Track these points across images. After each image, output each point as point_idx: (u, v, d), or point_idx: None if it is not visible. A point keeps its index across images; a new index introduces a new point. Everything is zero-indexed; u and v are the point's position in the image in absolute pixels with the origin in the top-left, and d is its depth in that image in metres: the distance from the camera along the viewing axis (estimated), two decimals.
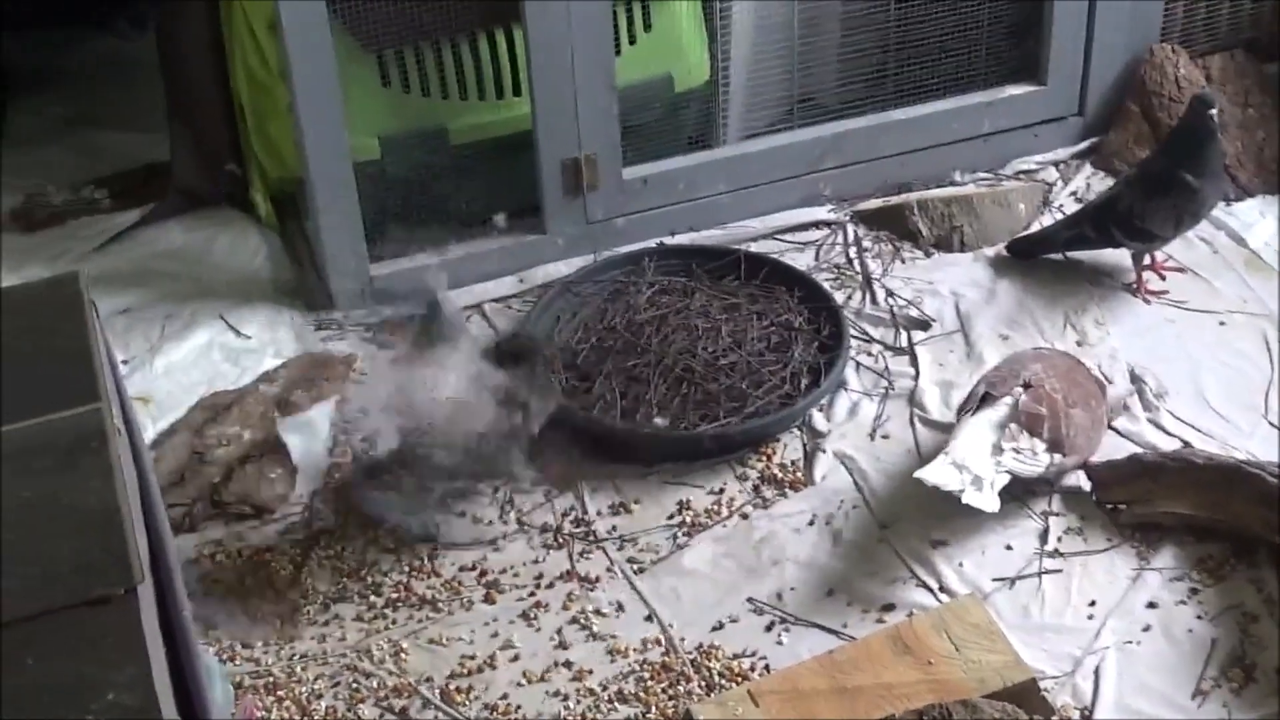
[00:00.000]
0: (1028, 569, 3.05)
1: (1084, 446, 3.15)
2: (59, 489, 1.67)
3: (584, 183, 3.79)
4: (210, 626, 3.01)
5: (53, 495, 1.67)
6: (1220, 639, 2.88)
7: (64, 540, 1.63)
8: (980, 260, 3.85)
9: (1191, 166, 3.57)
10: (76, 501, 1.66)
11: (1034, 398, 3.08)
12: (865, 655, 2.77)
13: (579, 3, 3.58)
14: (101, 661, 1.57)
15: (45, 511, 1.66)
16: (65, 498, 1.66)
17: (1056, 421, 3.07)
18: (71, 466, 1.69)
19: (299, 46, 3.46)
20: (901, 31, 3.98)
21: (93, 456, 1.70)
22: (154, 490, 2.03)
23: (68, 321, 1.86)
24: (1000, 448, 3.04)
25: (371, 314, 3.69)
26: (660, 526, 3.20)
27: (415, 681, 2.89)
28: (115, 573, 1.62)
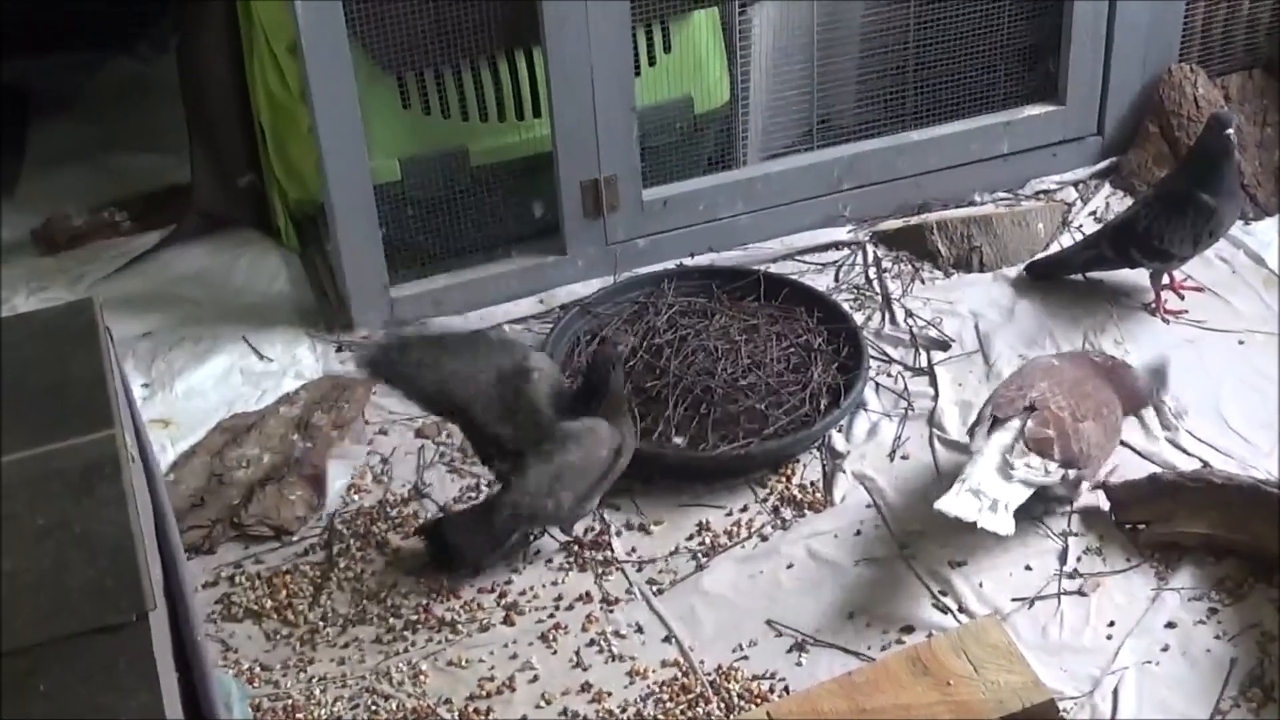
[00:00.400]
0: (1047, 589, 3.04)
1: (1099, 457, 3.14)
2: (72, 516, 1.68)
3: (604, 204, 3.79)
4: (229, 649, 3.01)
5: (65, 522, 1.67)
6: (1240, 659, 2.87)
7: (76, 567, 1.64)
8: (1000, 280, 3.85)
9: (1209, 186, 3.57)
10: (89, 528, 1.67)
11: (1039, 421, 3.07)
12: (884, 676, 2.76)
13: (599, 24, 3.58)
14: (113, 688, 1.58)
15: (58, 538, 1.66)
16: (78, 524, 1.67)
17: (1066, 440, 3.06)
18: (85, 493, 1.69)
19: (319, 68, 3.46)
20: (920, 53, 3.98)
21: (106, 483, 1.70)
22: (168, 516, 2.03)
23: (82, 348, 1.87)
24: (1011, 466, 3.03)
25: None
26: (680, 548, 3.20)
27: (434, 704, 2.89)
28: (127, 599, 1.62)
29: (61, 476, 1.71)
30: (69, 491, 1.70)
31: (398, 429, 3.51)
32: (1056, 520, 3.18)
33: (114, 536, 1.66)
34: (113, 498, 1.69)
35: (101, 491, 1.70)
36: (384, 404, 3.57)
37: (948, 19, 3.94)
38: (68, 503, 1.69)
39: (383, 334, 3.31)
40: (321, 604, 3.10)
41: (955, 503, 2.98)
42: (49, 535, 1.66)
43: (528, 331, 3.75)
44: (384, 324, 3.56)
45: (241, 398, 3.61)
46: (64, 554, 1.65)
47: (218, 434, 3.46)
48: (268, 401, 3.57)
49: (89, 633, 1.60)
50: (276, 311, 3.87)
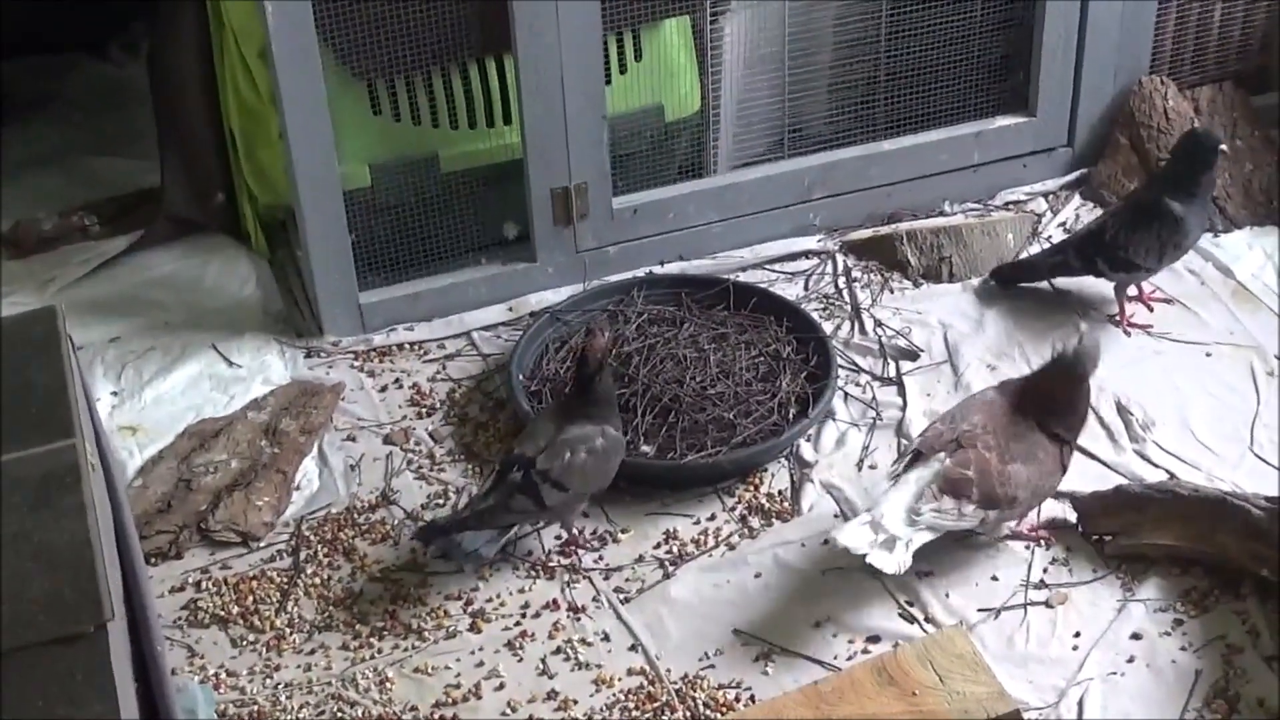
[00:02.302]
0: (1013, 600, 3.05)
1: (1027, 500, 3.08)
2: (30, 526, 1.68)
3: (574, 211, 3.79)
4: (195, 654, 3.00)
5: (24, 532, 1.67)
6: (1204, 671, 2.88)
7: (34, 577, 1.64)
8: (969, 291, 3.86)
9: (1179, 196, 3.58)
10: (48, 538, 1.67)
11: (960, 461, 3.01)
12: (850, 686, 2.76)
13: (570, 31, 3.58)
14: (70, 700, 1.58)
15: (16, 548, 1.66)
16: (36, 534, 1.67)
17: (988, 482, 3.00)
18: (44, 503, 1.69)
19: (290, 74, 3.46)
20: (891, 63, 3.99)
21: (65, 493, 1.70)
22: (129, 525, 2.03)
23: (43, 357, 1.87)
24: (918, 511, 3.00)
25: None
26: (648, 556, 3.19)
27: (400, 711, 2.89)
28: (85, 610, 1.62)
29: (20, 486, 1.71)
30: (27, 501, 1.70)
31: (365, 435, 3.50)
32: None
33: (73, 547, 1.66)
34: (72, 508, 1.69)
35: (60, 501, 1.70)
36: (352, 410, 3.57)
37: (919, 29, 3.95)
38: (26, 512, 1.69)
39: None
40: (288, 610, 3.10)
41: (851, 534, 2.95)
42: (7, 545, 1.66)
43: (496, 338, 3.75)
44: None
45: (210, 403, 3.60)
46: (22, 564, 1.65)
47: (185, 439, 3.46)
48: (236, 407, 3.56)
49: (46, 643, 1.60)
50: (245, 317, 3.86)
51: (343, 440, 3.49)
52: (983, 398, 3.16)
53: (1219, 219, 3.88)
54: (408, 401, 3.60)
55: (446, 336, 3.78)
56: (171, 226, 4.08)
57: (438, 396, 3.61)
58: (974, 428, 3.06)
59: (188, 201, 4.05)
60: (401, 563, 3.19)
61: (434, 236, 3.84)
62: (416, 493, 3.36)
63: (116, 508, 1.97)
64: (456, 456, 3.45)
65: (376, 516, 3.30)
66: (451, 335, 3.78)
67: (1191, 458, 3.34)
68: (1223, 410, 3.46)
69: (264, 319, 3.86)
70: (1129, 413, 3.45)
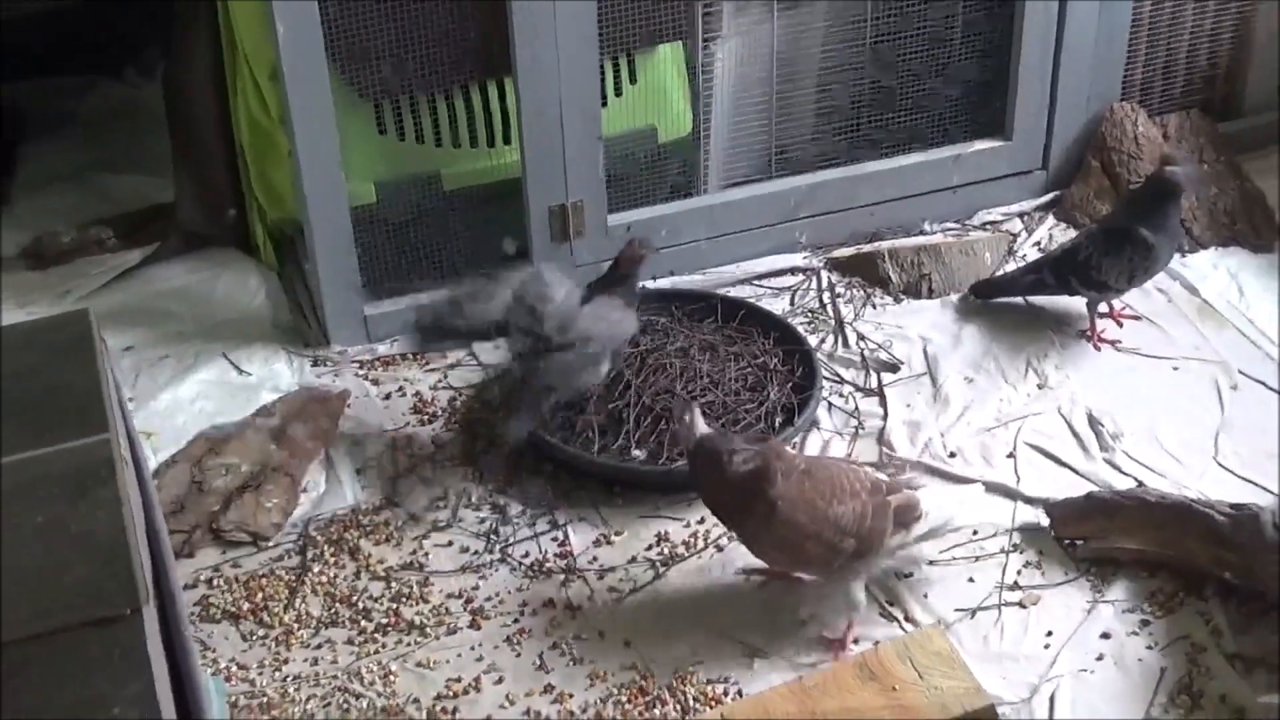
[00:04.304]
0: (988, 600, 3.07)
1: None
2: (68, 515, 1.69)
3: (570, 228, 3.80)
4: (208, 648, 3.02)
5: (62, 521, 1.68)
6: (1169, 668, 2.90)
7: (73, 564, 1.65)
8: (947, 306, 3.87)
9: (1151, 224, 3.60)
10: (85, 527, 1.68)
11: None
12: (833, 682, 2.79)
13: (568, 56, 3.59)
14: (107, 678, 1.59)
15: (55, 536, 1.67)
16: (74, 524, 1.68)
17: None
18: (81, 494, 1.70)
19: (299, 95, 3.48)
20: (874, 88, 4.00)
21: (101, 485, 1.71)
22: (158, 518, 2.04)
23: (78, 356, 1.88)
24: None
25: None
26: (639, 557, 3.21)
27: (403, 703, 2.90)
28: (121, 595, 1.64)
29: (59, 478, 1.72)
30: (66, 492, 1.71)
31: (371, 440, 3.52)
32: (998, 537, 3.20)
33: (108, 535, 1.68)
34: (107, 498, 1.71)
35: (96, 492, 1.71)
36: (357, 416, 3.58)
37: (901, 56, 3.97)
38: (64, 503, 1.70)
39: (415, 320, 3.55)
40: (296, 607, 3.11)
41: None
42: (47, 533, 1.67)
43: (495, 349, 3.74)
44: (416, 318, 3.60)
45: (221, 410, 3.61)
46: (61, 551, 1.66)
47: (198, 444, 3.46)
48: (246, 413, 3.57)
49: (85, 625, 1.61)
50: (255, 327, 3.88)
51: (349, 445, 3.51)
52: None
53: (1186, 240, 3.89)
54: (410, 409, 3.62)
55: (448, 347, 3.79)
56: (184, 240, 4.09)
57: (439, 404, 3.63)
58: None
59: (200, 217, 4.06)
60: (404, 562, 3.21)
61: (436, 251, 3.86)
62: (419, 496, 3.37)
63: (146, 501, 1.99)
64: (458, 461, 3.46)
65: (380, 518, 3.31)
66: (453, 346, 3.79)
67: (1159, 467, 3.35)
68: (1188, 422, 3.48)
69: (273, 329, 3.87)
70: (1099, 424, 3.46)
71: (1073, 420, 3.49)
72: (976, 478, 3.33)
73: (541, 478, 3.40)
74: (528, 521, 3.30)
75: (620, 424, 3.42)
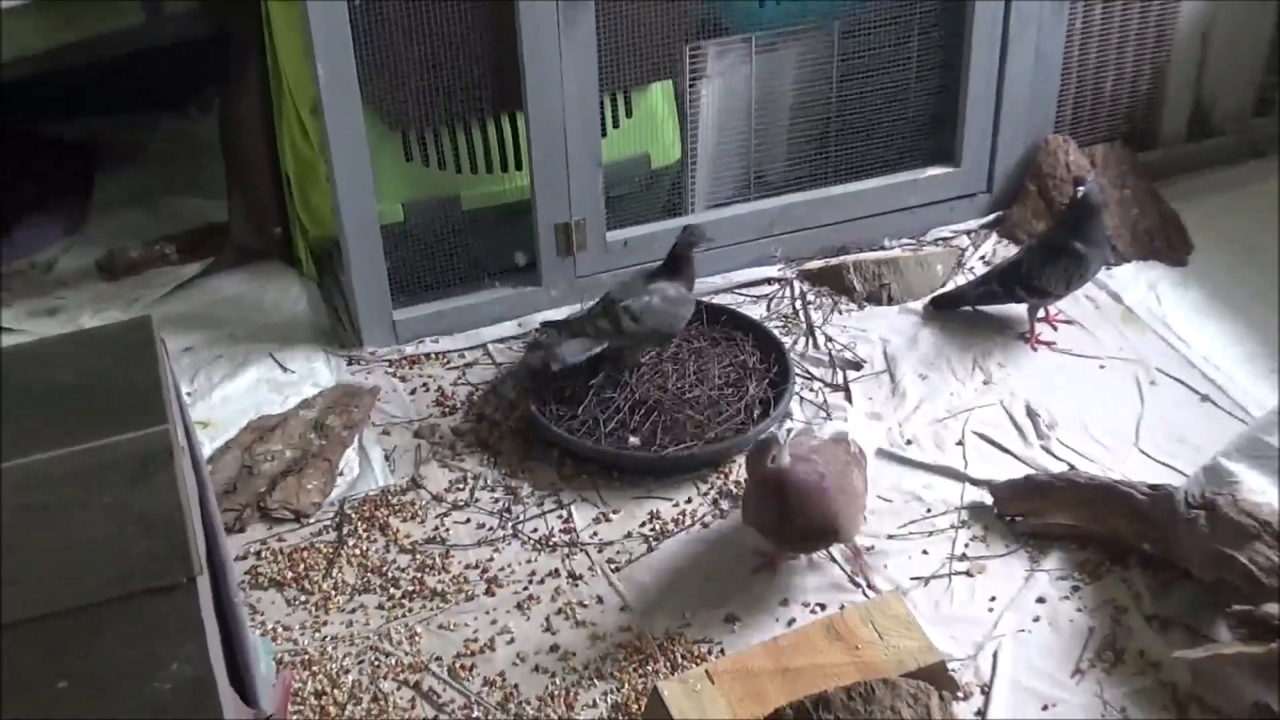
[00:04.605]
0: (940, 570, 3.07)
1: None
2: (132, 496, 1.69)
3: (574, 244, 3.79)
4: (256, 612, 3.03)
5: (127, 501, 1.69)
6: (1096, 628, 2.91)
7: (136, 538, 1.66)
8: (905, 312, 3.86)
9: (1081, 237, 3.60)
10: (147, 506, 1.68)
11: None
12: (804, 642, 2.79)
13: (572, 92, 3.59)
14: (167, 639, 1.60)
15: (121, 514, 1.68)
16: (137, 503, 1.69)
17: None
18: (143, 478, 1.71)
19: (337, 127, 3.48)
20: (840, 121, 3.99)
21: (160, 469, 1.72)
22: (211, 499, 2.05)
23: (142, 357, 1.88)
24: None
25: None
26: (635, 533, 3.21)
27: (427, 660, 2.91)
28: (178, 565, 1.64)
29: (124, 464, 1.72)
30: (130, 476, 1.71)
31: (398, 430, 3.52)
32: (948, 515, 3.21)
33: (166, 513, 1.68)
34: (165, 482, 1.71)
35: (156, 476, 1.72)
36: (386, 409, 3.58)
37: (863, 93, 3.96)
38: (129, 485, 1.70)
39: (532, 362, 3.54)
40: (333, 576, 3.12)
41: None
42: (114, 512, 1.68)
43: (508, 349, 3.76)
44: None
45: (268, 402, 3.61)
46: (126, 528, 1.66)
47: (247, 433, 3.47)
48: (289, 406, 3.57)
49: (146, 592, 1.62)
50: (297, 331, 3.87)
51: (379, 434, 3.51)
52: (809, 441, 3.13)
53: (1112, 255, 3.89)
54: (433, 402, 3.61)
55: (466, 348, 3.78)
56: (236, 255, 4.08)
57: (459, 398, 3.62)
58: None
59: (250, 234, 4.06)
60: (428, 537, 3.21)
61: (456, 264, 3.85)
62: (441, 478, 3.37)
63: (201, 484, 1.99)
64: (474, 448, 3.46)
65: (407, 498, 3.31)
66: (470, 347, 3.78)
67: (1087, 452, 3.35)
68: (1113, 413, 3.48)
69: (313, 332, 3.86)
70: (1036, 415, 3.46)
71: (1013, 412, 3.49)
72: (930, 462, 3.34)
73: (549, 463, 3.40)
74: (536, 502, 3.30)
75: (617, 415, 3.42)
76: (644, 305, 3.43)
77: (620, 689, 2.85)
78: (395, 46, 3.50)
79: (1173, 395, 3.53)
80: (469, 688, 2.86)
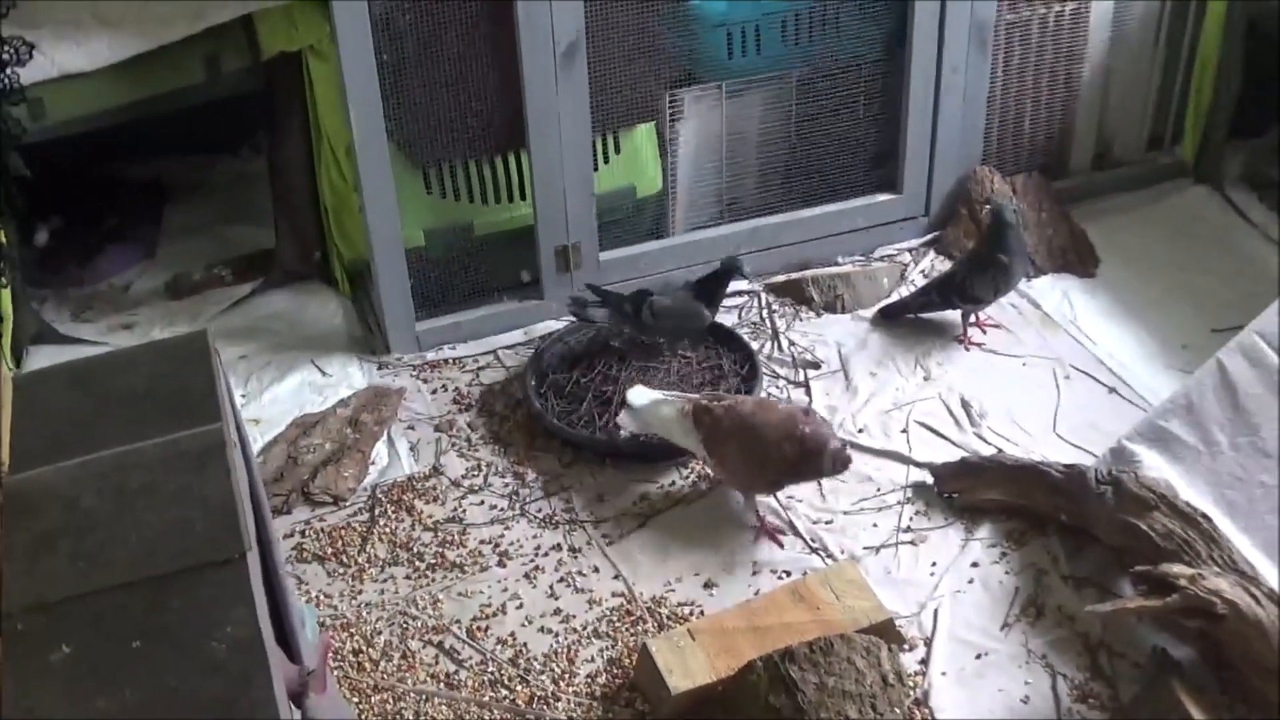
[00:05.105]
0: (889, 540, 3.08)
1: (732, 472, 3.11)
2: (193, 483, 1.70)
3: (571, 263, 3.79)
4: (302, 583, 3.04)
5: (189, 487, 1.70)
6: (1021, 588, 2.92)
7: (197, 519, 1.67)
8: (857, 319, 3.85)
9: (1003, 250, 3.61)
10: (205, 492, 1.69)
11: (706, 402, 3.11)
12: (772, 604, 2.81)
13: (569, 133, 3.60)
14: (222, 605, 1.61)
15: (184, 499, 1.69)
16: (197, 490, 1.70)
17: (715, 427, 3.07)
18: (201, 468, 1.72)
19: (367, 165, 3.49)
20: (801, 155, 3.99)
21: (215, 461, 1.72)
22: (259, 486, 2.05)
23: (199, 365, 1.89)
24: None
25: None
26: (626, 512, 3.21)
27: (448, 623, 2.92)
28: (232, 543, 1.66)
29: (185, 455, 1.73)
30: (190, 466, 1.72)
31: (421, 425, 3.52)
32: (895, 493, 3.21)
33: (221, 498, 1.69)
34: (221, 471, 1.72)
35: (212, 466, 1.72)
36: (411, 407, 3.57)
37: (819, 132, 3.96)
38: (190, 474, 1.71)
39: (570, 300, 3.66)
40: (367, 551, 3.12)
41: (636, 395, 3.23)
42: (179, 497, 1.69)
43: (515, 355, 3.75)
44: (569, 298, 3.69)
45: (309, 402, 3.61)
46: (188, 510, 1.68)
47: (292, 428, 3.47)
48: (328, 405, 3.57)
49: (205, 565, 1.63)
50: (335, 340, 3.86)
51: (405, 429, 3.50)
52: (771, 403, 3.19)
53: (1031, 268, 3.90)
54: (451, 401, 3.61)
55: (479, 353, 3.78)
56: (283, 276, 4.07)
57: (473, 397, 3.62)
58: (732, 401, 3.11)
59: (294, 257, 4.04)
60: (448, 517, 3.21)
61: (470, 281, 3.85)
62: (458, 466, 3.37)
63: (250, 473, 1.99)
64: (487, 440, 3.46)
65: (430, 484, 3.31)
66: (483, 353, 3.78)
67: (1013, 437, 3.36)
68: (1034, 404, 3.48)
69: (348, 341, 3.85)
70: (969, 406, 3.47)
71: (950, 403, 3.50)
72: (879, 447, 3.35)
73: (552, 452, 3.40)
74: (540, 486, 3.30)
75: (611, 409, 3.41)
76: (663, 307, 3.50)
77: (614, 646, 2.86)
78: (416, 97, 3.51)
79: (1084, 388, 3.54)
80: (484, 646, 2.87)
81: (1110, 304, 3.84)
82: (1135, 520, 2.81)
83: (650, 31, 3.64)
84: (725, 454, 3.07)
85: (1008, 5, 3.93)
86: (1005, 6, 3.93)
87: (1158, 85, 4.29)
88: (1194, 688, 2.57)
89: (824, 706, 2.48)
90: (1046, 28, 4.03)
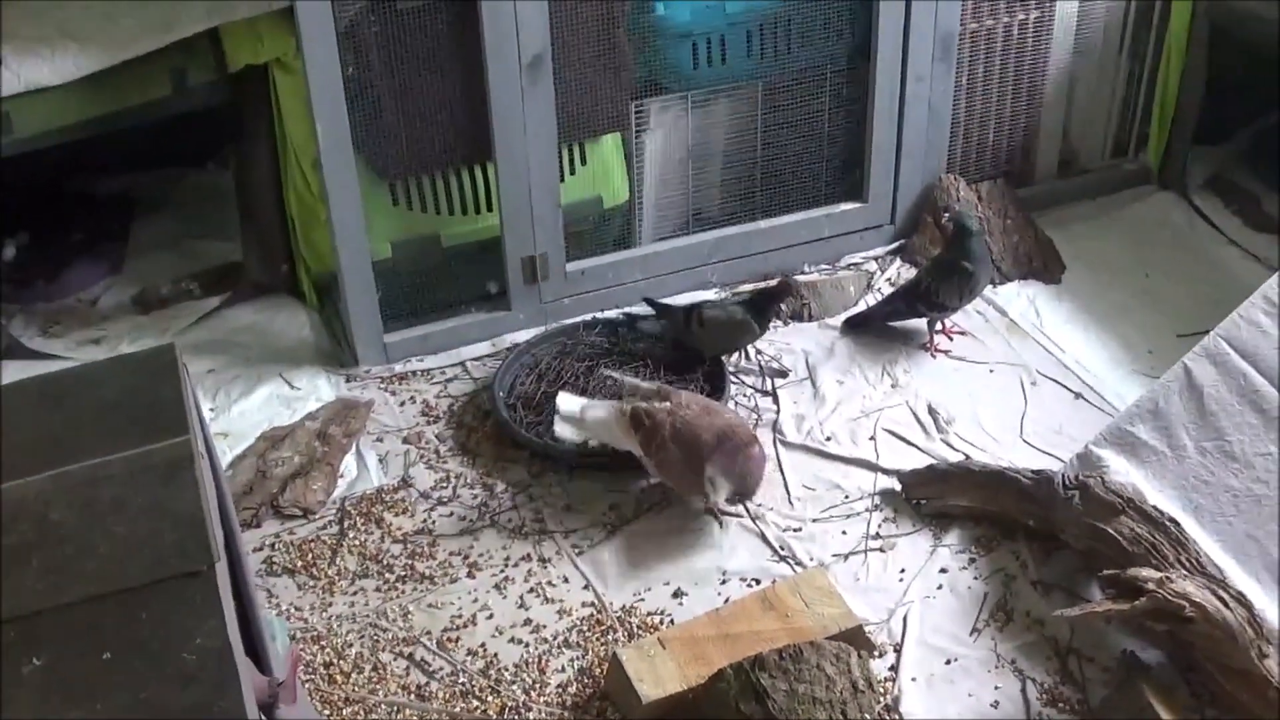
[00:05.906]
0: (858, 547, 3.09)
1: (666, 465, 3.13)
2: (162, 496, 1.70)
3: (538, 274, 3.79)
4: (272, 595, 3.03)
5: (158, 500, 1.70)
6: (990, 593, 2.94)
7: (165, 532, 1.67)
8: (823, 327, 3.87)
9: (967, 256, 3.63)
10: (174, 505, 1.69)
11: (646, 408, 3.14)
12: (742, 611, 2.81)
13: (534, 144, 3.60)
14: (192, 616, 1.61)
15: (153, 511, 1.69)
16: (166, 502, 1.69)
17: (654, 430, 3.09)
18: (170, 480, 1.71)
19: (334, 178, 3.48)
20: (765, 165, 4.01)
21: (184, 473, 1.72)
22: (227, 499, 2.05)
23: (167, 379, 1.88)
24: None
25: None
26: (596, 521, 3.21)
27: (419, 635, 2.92)
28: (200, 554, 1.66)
29: (154, 469, 1.72)
30: (159, 479, 1.72)
31: (390, 437, 3.52)
32: (864, 499, 3.22)
33: (190, 510, 1.69)
34: (188, 483, 1.71)
35: (180, 479, 1.72)
36: (380, 419, 3.57)
37: (785, 141, 3.98)
38: (159, 487, 1.71)
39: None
40: (337, 563, 3.12)
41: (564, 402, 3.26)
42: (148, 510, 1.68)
43: (483, 366, 3.75)
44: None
45: (278, 415, 3.60)
46: (157, 522, 1.67)
47: (261, 442, 3.46)
48: (297, 418, 3.56)
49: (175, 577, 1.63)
50: (303, 353, 3.85)
51: (373, 441, 3.50)
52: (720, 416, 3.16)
53: (997, 275, 3.93)
54: (420, 413, 3.61)
55: (447, 365, 3.77)
56: (250, 289, 4.06)
57: (441, 408, 3.62)
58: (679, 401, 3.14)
59: (262, 270, 4.04)
60: (417, 528, 3.21)
61: (437, 293, 3.85)
62: (427, 478, 3.37)
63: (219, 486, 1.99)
64: (455, 451, 3.46)
65: (398, 496, 3.31)
66: (451, 364, 3.77)
67: (980, 444, 3.38)
68: (1001, 410, 3.50)
69: (316, 354, 3.84)
70: (936, 412, 3.49)
71: (917, 410, 3.52)
72: (847, 455, 3.36)
73: (520, 463, 3.40)
74: (509, 496, 3.30)
75: None
76: (712, 318, 3.56)
77: (585, 655, 2.86)
78: (382, 109, 3.51)
79: (1051, 394, 3.56)
80: (455, 657, 2.86)
81: (1076, 310, 3.87)
82: (1103, 525, 2.83)
83: (616, 42, 3.65)
84: (664, 457, 3.10)
85: (971, 14, 3.96)
86: (969, 15, 3.96)
87: (1122, 92, 4.33)
88: (1163, 690, 2.60)
89: (794, 713, 2.49)
90: (1010, 36, 4.06)
